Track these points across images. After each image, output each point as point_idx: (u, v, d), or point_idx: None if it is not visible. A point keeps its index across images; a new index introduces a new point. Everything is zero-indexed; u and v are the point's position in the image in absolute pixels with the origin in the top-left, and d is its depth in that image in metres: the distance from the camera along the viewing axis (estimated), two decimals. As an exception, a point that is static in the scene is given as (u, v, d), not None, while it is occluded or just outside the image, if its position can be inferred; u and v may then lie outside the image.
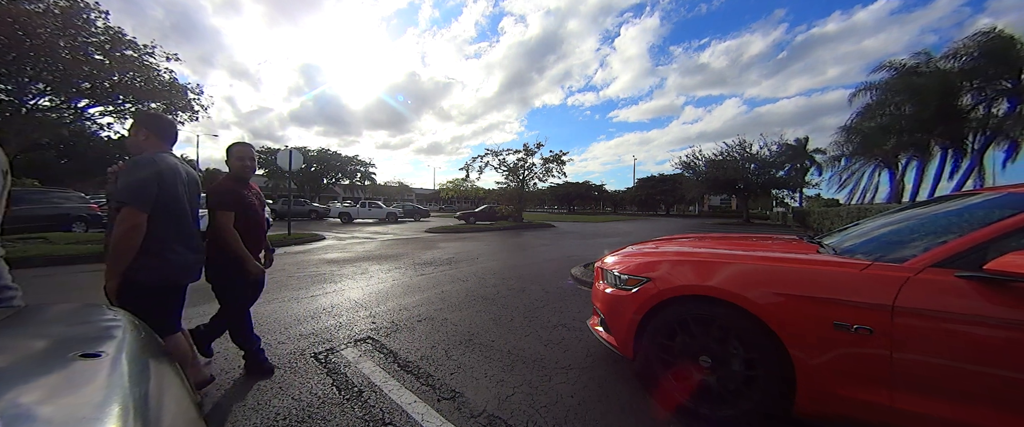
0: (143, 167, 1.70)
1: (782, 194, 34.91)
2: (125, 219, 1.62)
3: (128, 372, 0.65)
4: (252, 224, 2.33)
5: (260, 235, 2.46)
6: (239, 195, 2.27)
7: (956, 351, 1.49)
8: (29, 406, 0.52)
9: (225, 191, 2.25)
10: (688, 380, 2.04)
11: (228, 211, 2.18)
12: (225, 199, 2.22)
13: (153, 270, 1.74)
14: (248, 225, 2.29)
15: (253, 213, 2.35)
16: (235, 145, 2.37)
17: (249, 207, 2.32)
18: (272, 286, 5.05)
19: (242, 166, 2.36)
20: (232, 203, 2.22)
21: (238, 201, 2.25)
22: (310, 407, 2.07)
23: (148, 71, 14.08)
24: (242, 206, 2.26)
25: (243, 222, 2.26)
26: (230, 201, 2.22)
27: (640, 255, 2.52)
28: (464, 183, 24.30)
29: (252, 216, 2.34)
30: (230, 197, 2.23)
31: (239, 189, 2.31)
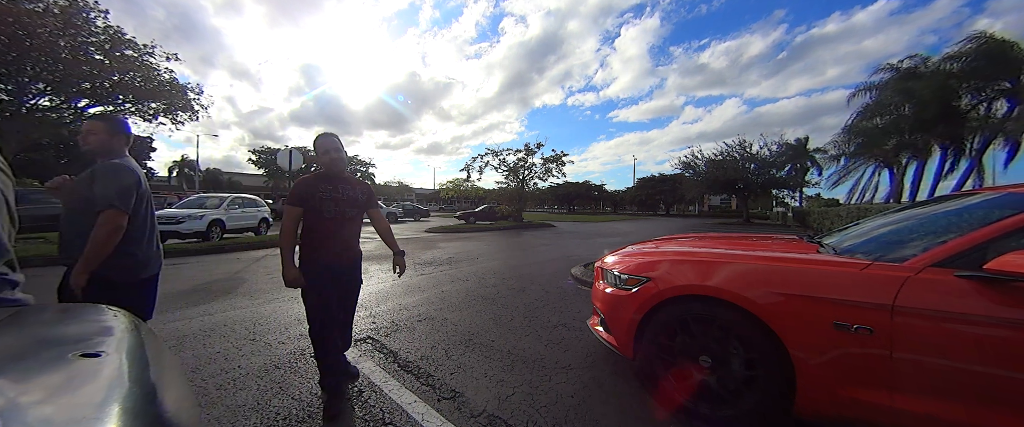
0: (128, 173, 1.80)
1: (782, 194, 34.92)
2: (110, 221, 1.68)
3: (128, 372, 0.65)
4: (328, 221, 2.06)
5: (345, 234, 2.14)
6: (311, 190, 2.04)
7: (956, 351, 1.49)
8: (29, 406, 0.52)
9: (297, 185, 2.08)
10: (688, 380, 2.04)
11: (293, 206, 2.03)
12: (293, 193, 2.07)
13: (124, 268, 1.81)
14: (322, 222, 2.05)
15: (331, 209, 2.06)
16: (318, 138, 2.14)
17: (324, 202, 2.04)
18: (272, 286, 5.05)
19: (327, 160, 2.12)
20: (299, 198, 2.03)
21: (307, 197, 2.03)
22: (310, 407, 2.07)
23: (148, 71, 14.09)
24: (313, 202, 2.03)
25: (314, 218, 2.04)
26: (297, 196, 2.05)
27: (640, 255, 2.52)
28: (464, 183, 24.32)
29: (328, 212, 2.05)
30: (299, 191, 2.05)
31: (316, 184, 2.07)
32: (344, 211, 2.11)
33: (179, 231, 9.43)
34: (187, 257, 7.69)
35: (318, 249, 2.05)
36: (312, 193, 2.04)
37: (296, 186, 2.07)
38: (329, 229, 2.07)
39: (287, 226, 2.01)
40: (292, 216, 2.02)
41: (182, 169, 45.12)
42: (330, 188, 2.08)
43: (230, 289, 4.86)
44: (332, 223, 2.07)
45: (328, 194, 2.07)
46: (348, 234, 2.16)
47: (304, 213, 2.04)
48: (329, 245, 2.07)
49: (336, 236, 2.09)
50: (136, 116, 15.17)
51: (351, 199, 2.15)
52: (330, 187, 2.08)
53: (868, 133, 20.01)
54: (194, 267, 6.49)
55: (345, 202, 2.12)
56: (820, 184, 32.63)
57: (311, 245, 2.05)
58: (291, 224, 2.01)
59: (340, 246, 2.12)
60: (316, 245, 2.05)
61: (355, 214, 2.18)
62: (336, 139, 2.15)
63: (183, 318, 3.61)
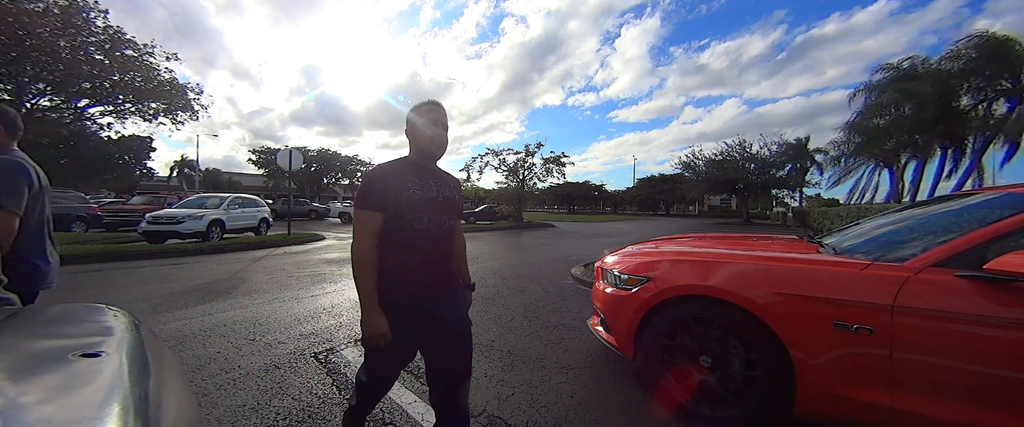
0: (16, 168, 1.59)
1: (782, 194, 34.93)
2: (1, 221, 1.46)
3: (128, 372, 0.65)
4: (420, 234, 1.35)
5: (442, 255, 1.45)
6: (397, 187, 1.32)
7: (956, 351, 1.49)
8: (29, 406, 0.52)
9: (373, 179, 1.33)
10: (688, 380, 2.04)
11: (369, 211, 1.29)
12: (368, 190, 1.31)
13: (17, 278, 1.56)
14: (410, 235, 1.34)
15: (425, 216, 1.36)
16: (420, 107, 1.44)
17: (416, 205, 1.34)
18: (272, 286, 5.05)
19: (429, 140, 1.41)
20: (378, 199, 1.30)
21: (392, 196, 1.31)
22: (310, 407, 2.07)
23: (148, 71, 14.09)
24: (399, 204, 1.31)
25: (396, 230, 1.32)
26: (375, 195, 1.30)
27: (640, 255, 2.52)
28: (464, 183, 24.34)
29: (421, 221, 1.35)
30: (376, 188, 1.31)
31: (404, 177, 1.35)
32: (442, 220, 1.41)
33: (179, 231, 9.43)
34: (187, 257, 7.69)
35: (401, 278, 1.35)
36: (398, 191, 1.32)
37: (371, 179, 1.34)
38: (420, 247, 1.36)
39: (364, 245, 1.29)
40: (369, 228, 1.29)
41: (182, 169, 45.13)
42: (422, 184, 1.38)
43: (230, 289, 4.86)
44: (426, 238, 1.36)
45: (420, 193, 1.36)
46: (447, 254, 1.48)
47: (383, 222, 1.32)
48: (418, 272, 1.37)
49: (430, 257, 1.39)
50: (136, 116, 15.18)
51: (449, 201, 1.47)
52: (422, 182, 1.38)
53: (868, 133, 20.03)
54: (194, 267, 6.49)
55: (443, 206, 1.43)
56: (820, 184, 32.67)
57: (392, 272, 1.33)
58: (370, 241, 1.29)
59: (436, 272, 1.42)
60: (398, 272, 1.34)
61: (454, 224, 1.49)
62: (444, 111, 1.45)
63: (183, 318, 3.61)
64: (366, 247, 1.29)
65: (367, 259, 1.29)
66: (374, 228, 1.30)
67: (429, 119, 1.41)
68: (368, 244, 1.29)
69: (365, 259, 1.29)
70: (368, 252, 1.29)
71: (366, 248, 1.29)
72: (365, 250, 1.29)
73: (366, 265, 1.29)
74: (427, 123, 1.41)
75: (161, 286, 4.99)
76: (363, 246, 1.29)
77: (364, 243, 1.29)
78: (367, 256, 1.29)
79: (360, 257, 1.29)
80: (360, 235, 1.30)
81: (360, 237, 1.30)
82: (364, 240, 1.29)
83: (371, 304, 1.28)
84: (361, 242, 1.29)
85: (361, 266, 1.29)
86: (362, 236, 1.30)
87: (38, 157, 8.19)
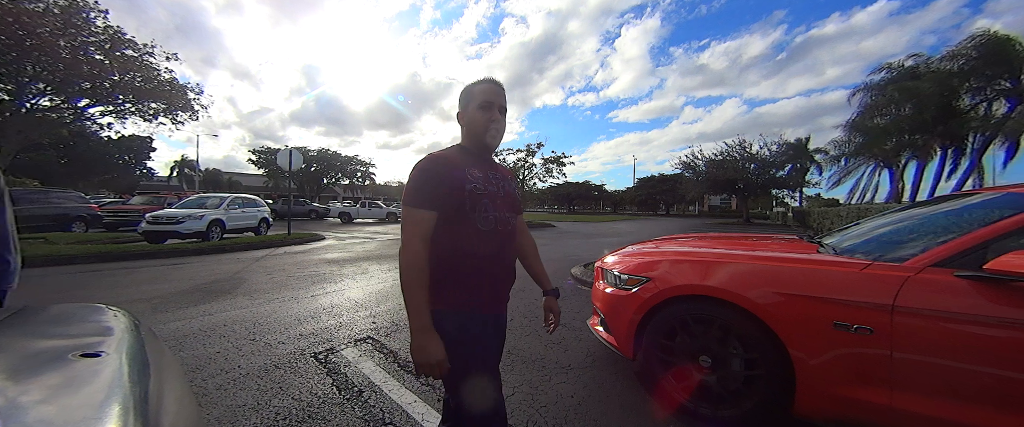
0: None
1: (782, 194, 34.92)
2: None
3: (128, 372, 0.65)
4: (484, 236, 1.15)
5: (508, 260, 1.25)
6: (454, 181, 1.12)
7: (956, 351, 1.49)
8: (29, 406, 0.52)
9: (424, 172, 1.12)
10: (688, 380, 2.04)
11: (421, 209, 1.09)
12: (419, 186, 1.10)
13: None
14: (473, 238, 1.13)
15: (490, 215, 1.16)
16: (477, 85, 1.22)
17: (479, 203, 1.14)
18: (272, 286, 5.05)
19: (484, 127, 1.18)
20: (430, 196, 1.10)
21: (448, 192, 1.11)
22: (310, 407, 2.07)
23: (148, 71, 14.10)
24: (458, 201, 1.12)
25: (456, 231, 1.12)
26: (428, 191, 1.10)
27: (640, 255, 2.52)
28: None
29: (485, 220, 1.15)
30: (430, 183, 1.11)
31: (462, 169, 1.15)
32: (507, 218, 1.22)
33: (179, 231, 9.43)
34: (187, 257, 7.69)
35: (464, 289, 1.14)
36: (457, 185, 1.12)
37: (424, 171, 1.11)
38: (485, 251, 1.15)
39: (414, 250, 1.06)
40: (421, 229, 1.08)
41: (182, 169, 45.16)
42: (482, 176, 1.18)
43: (230, 289, 4.86)
44: (491, 240, 1.16)
45: (483, 187, 1.16)
46: (513, 257, 1.30)
47: (437, 223, 1.11)
48: (482, 281, 1.17)
49: (495, 263, 1.19)
50: (136, 116, 15.19)
51: (511, 197, 1.28)
52: (482, 175, 1.19)
53: (868, 133, 20.02)
54: (194, 267, 6.49)
55: (506, 202, 1.24)
56: (820, 184, 32.66)
57: (453, 281, 1.13)
58: (422, 246, 1.07)
59: (501, 279, 1.23)
60: (460, 281, 1.13)
61: (517, 222, 1.31)
62: (504, 92, 1.22)
63: (183, 318, 3.61)
64: (417, 253, 1.05)
65: (418, 268, 1.05)
66: (427, 230, 1.08)
67: (483, 101, 1.18)
68: (419, 249, 1.06)
69: (415, 267, 1.05)
70: (419, 259, 1.05)
71: (417, 254, 1.05)
72: (416, 256, 1.05)
73: (417, 275, 1.05)
74: (485, 107, 1.18)
75: (161, 286, 4.99)
76: (413, 251, 1.05)
77: (414, 248, 1.06)
78: (418, 264, 1.05)
79: (409, 265, 1.05)
80: (410, 238, 1.07)
81: (410, 241, 1.07)
82: (414, 244, 1.06)
83: (423, 326, 1.03)
84: (411, 246, 1.06)
85: (410, 275, 1.05)
86: (412, 239, 1.07)
87: (38, 157, 8.20)
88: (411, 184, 1.12)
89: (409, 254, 1.06)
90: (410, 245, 1.07)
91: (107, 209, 14.32)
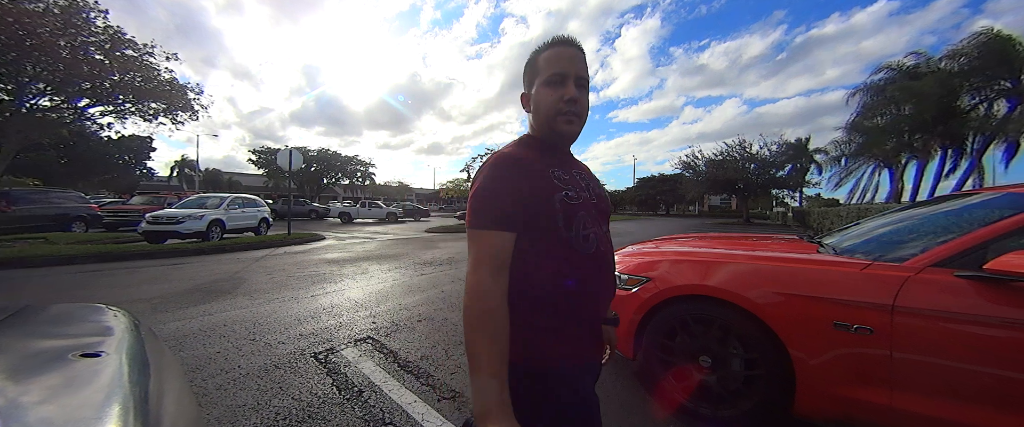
0: None
1: (782, 194, 34.92)
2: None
3: (128, 372, 0.65)
4: (585, 261, 0.84)
5: (608, 294, 0.92)
6: (539, 184, 0.82)
7: (956, 351, 1.49)
8: (29, 406, 0.52)
9: (498, 174, 0.81)
10: (688, 380, 2.04)
11: (493, 231, 0.77)
12: (488, 196, 0.79)
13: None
14: (571, 264, 0.82)
15: (591, 233, 0.85)
16: (542, 51, 0.87)
17: (574, 217, 0.83)
18: (272, 286, 5.05)
19: (556, 103, 0.84)
20: (508, 209, 0.78)
21: (534, 203, 0.80)
22: (310, 407, 2.07)
23: (148, 71, 14.08)
24: (550, 215, 0.81)
25: (545, 255, 0.81)
26: (502, 205, 0.78)
27: (640, 255, 2.52)
28: (464, 183, 24.33)
29: (584, 243, 0.84)
30: (508, 192, 0.79)
31: (544, 168, 0.85)
32: (605, 233, 0.92)
33: (179, 231, 9.43)
34: (187, 257, 7.69)
35: (562, 337, 0.82)
36: (543, 195, 0.82)
37: (492, 180, 0.80)
38: (588, 283, 0.85)
39: (486, 287, 0.74)
40: (495, 258, 0.76)
41: (182, 169, 45.15)
42: (570, 180, 0.87)
43: (230, 289, 4.86)
44: (594, 266, 0.86)
45: (574, 194, 0.85)
46: (611, 288, 0.94)
47: (519, 247, 0.80)
48: (585, 323, 0.87)
49: (599, 298, 0.90)
50: (136, 116, 15.18)
51: (602, 204, 0.95)
52: (569, 177, 0.88)
53: (868, 133, 20.02)
54: (194, 267, 6.49)
55: (599, 212, 0.93)
56: (820, 184, 32.65)
57: (544, 327, 0.81)
58: (496, 280, 0.75)
59: (602, 314, 0.92)
60: (556, 327, 0.82)
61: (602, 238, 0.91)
62: (579, 52, 0.87)
63: (183, 318, 3.61)
64: (488, 290, 0.72)
65: (492, 312, 0.72)
66: (503, 258, 0.75)
67: (557, 73, 0.83)
68: (492, 285, 0.73)
69: (489, 312, 0.71)
70: (493, 298, 0.72)
71: (488, 291, 0.72)
72: (488, 295, 0.72)
73: (490, 321, 0.71)
74: (555, 83, 0.84)
75: (161, 286, 4.99)
76: (484, 288, 0.72)
77: (485, 284, 0.72)
78: (492, 306, 0.72)
79: (480, 309, 0.71)
80: (477, 269, 0.74)
81: (479, 274, 0.73)
82: (485, 279, 0.73)
83: (498, 406, 0.68)
84: (482, 283, 0.72)
85: (482, 322, 0.71)
86: (480, 271, 0.73)
87: (38, 157, 8.21)
88: (479, 197, 0.78)
89: (479, 294, 0.72)
90: (482, 282, 0.72)
91: (107, 209, 14.33)
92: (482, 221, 0.77)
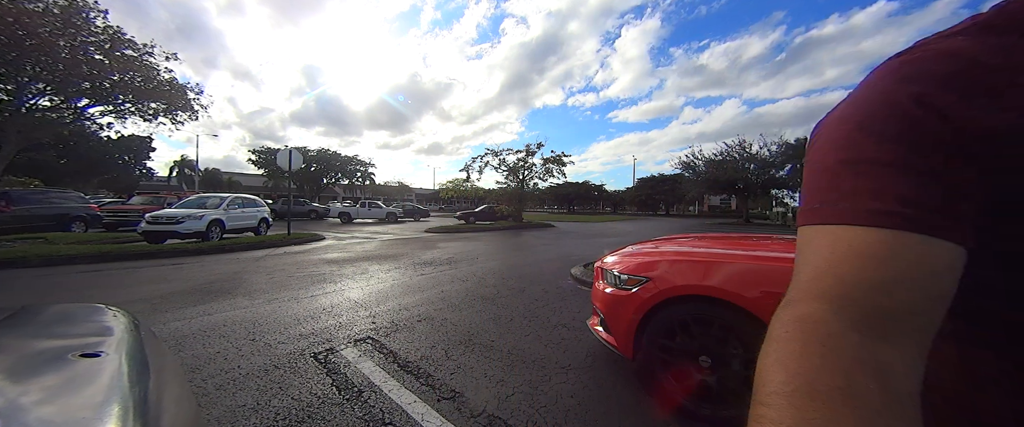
0: None
1: (782, 194, 34.95)
2: None
3: (128, 372, 0.65)
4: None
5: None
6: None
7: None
8: (29, 406, 0.52)
9: (899, 102, 0.34)
10: (688, 380, 2.04)
11: (867, 227, 0.32)
12: (876, 158, 0.33)
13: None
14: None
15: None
16: None
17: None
18: (272, 286, 5.05)
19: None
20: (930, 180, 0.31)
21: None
22: (310, 407, 2.07)
23: (148, 70, 14.09)
24: None
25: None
26: (917, 173, 0.32)
27: (640, 255, 2.53)
28: (464, 183, 24.31)
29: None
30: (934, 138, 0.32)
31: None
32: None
33: (178, 231, 9.43)
34: (187, 257, 7.69)
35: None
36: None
37: (892, 117, 0.34)
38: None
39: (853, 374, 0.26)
40: (885, 302, 0.29)
41: (182, 169, 45.16)
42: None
43: (230, 289, 4.86)
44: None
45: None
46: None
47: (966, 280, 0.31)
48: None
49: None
50: (136, 116, 15.18)
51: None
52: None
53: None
54: (194, 267, 6.49)
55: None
56: (820, 184, 32.57)
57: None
58: (881, 366, 0.27)
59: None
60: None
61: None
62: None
63: (183, 318, 3.61)
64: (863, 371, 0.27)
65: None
66: (913, 300, 0.31)
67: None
68: (869, 358, 0.28)
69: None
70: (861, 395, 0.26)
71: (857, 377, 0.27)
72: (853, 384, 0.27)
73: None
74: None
75: (161, 286, 4.99)
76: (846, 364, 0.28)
77: (854, 355, 0.28)
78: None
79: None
80: (831, 317, 0.31)
81: (832, 324, 0.30)
82: (852, 344, 0.29)
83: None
84: (840, 349, 0.29)
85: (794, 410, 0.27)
86: (840, 323, 0.30)
87: (38, 157, 8.20)
88: (841, 155, 0.37)
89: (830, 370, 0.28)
90: (832, 335, 0.30)
91: (107, 209, 14.32)
92: (869, 202, 0.34)
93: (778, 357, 0.31)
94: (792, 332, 0.32)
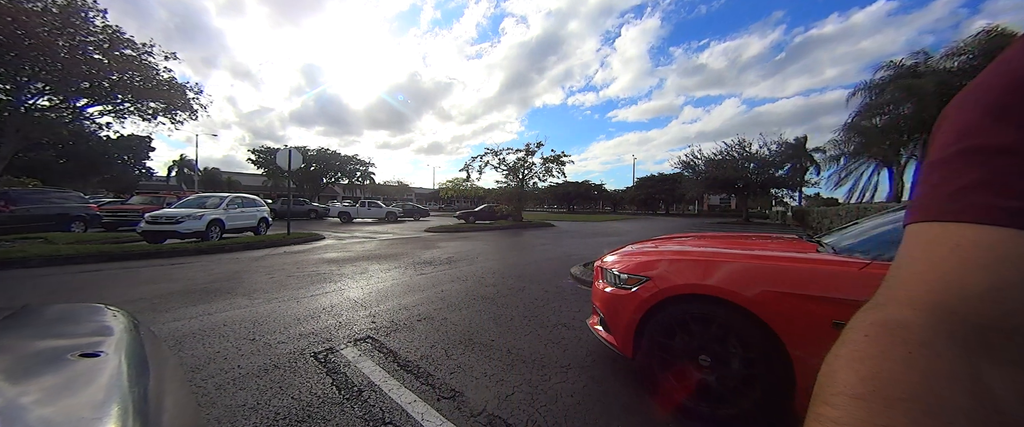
0: None
1: (781, 193, 34.95)
2: None
3: (128, 372, 0.65)
4: None
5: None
6: None
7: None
8: (29, 406, 0.52)
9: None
10: (688, 379, 2.04)
11: (980, 225, 0.28)
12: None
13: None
14: None
15: None
16: None
17: None
18: (271, 286, 5.05)
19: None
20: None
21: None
22: (310, 407, 2.07)
23: (147, 70, 14.08)
24: None
25: None
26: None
27: (639, 254, 2.53)
28: (464, 183, 24.30)
29: None
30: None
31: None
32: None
33: (178, 231, 9.42)
34: (187, 257, 7.69)
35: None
36: None
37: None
38: None
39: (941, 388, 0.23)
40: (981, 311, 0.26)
41: (181, 169, 45.12)
42: None
43: (230, 289, 4.86)
44: None
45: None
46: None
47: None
48: None
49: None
50: (135, 115, 15.17)
51: None
52: None
53: (867, 133, 20.02)
54: (194, 267, 6.49)
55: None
56: (819, 184, 32.66)
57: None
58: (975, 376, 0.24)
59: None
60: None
61: None
62: None
63: (183, 318, 3.61)
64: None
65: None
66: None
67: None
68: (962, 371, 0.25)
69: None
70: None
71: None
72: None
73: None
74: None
75: (161, 286, 4.99)
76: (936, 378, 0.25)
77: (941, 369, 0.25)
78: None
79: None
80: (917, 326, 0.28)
81: (919, 334, 0.27)
82: (940, 355, 0.26)
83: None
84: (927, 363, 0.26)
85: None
86: (930, 333, 0.27)
87: (38, 157, 8.21)
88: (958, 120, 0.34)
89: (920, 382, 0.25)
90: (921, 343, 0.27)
91: (106, 209, 14.30)
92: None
93: (851, 359, 0.28)
94: (873, 336, 0.29)
